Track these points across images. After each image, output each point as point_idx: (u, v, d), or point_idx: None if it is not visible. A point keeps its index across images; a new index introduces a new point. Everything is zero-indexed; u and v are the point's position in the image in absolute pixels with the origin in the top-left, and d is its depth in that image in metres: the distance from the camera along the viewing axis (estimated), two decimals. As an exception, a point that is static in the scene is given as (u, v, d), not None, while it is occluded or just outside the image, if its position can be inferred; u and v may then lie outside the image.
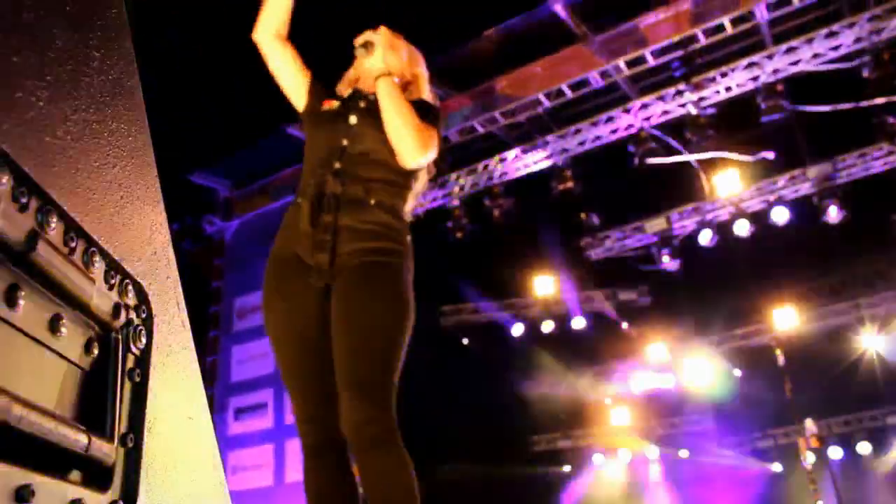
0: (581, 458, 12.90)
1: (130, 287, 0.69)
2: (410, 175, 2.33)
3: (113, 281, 0.66)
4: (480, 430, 10.55)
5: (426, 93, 2.53)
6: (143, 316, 0.71)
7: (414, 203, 2.43)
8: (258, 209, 10.38)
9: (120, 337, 0.67)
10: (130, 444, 0.69)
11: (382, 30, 2.48)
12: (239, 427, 9.59)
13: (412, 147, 2.24)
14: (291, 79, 2.45)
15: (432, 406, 10.19)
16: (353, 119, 2.33)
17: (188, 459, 0.79)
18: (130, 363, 0.70)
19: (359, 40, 2.47)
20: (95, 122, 0.62)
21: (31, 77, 0.53)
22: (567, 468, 13.02)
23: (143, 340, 0.72)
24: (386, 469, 1.90)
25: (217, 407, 9.61)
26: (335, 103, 2.41)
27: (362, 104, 2.39)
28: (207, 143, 8.86)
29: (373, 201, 2.17)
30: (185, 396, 0.79)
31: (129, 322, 0.69)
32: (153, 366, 0.72)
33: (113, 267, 0.66)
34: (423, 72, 2.56)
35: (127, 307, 0.68)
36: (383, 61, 2.40)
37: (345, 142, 2.28)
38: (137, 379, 0.71)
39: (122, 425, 0.67)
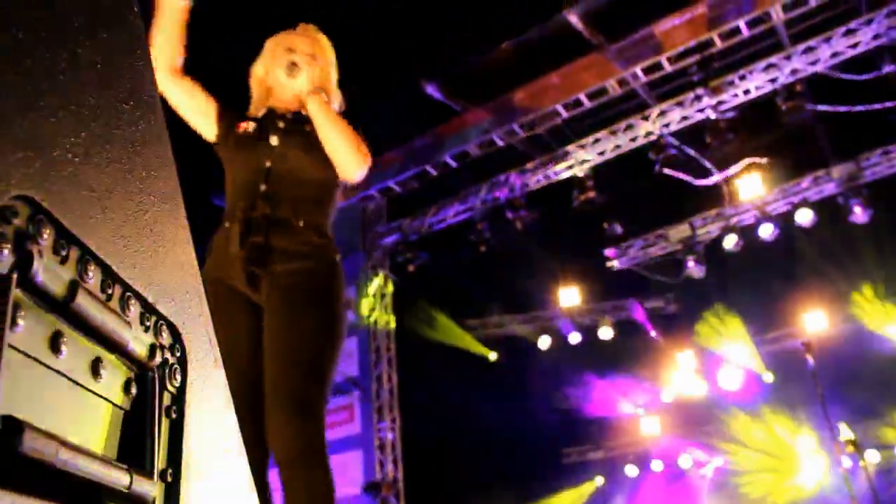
0: (613, 470, 12.78)
1: (165, 327, 0.72)
2: (334, 190, 2.32)
3: (148, 323, 0.69)
4: (510, 443, 10.50)
5: (338, 99, 2.47)
6: (178, 355, 0.74)
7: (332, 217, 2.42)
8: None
9: (156, 376, 0.70)
10: (169, 480, 0.72)
11: (308, 42, 2.40)
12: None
13: (356, 160, 2.25)
14: (196, 109, 2.36)
15: (460, 422, 10.16)
16: (274, 140, 2.31)
17: (225, 491, 0.81)
18: (167, 401, 0.73)
19: (282, 60, 2.36)
20: (127, 171, 0.65)
21: (68, 135, 0.56)
22: (599, 480, 12.91)
23: (179, 378, 0.75)
24: (310, 485, 1.93)
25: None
26: (251, 125, 2.36)
27: (281, 124, 2.35)
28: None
29: (301, 223, 2.18)
30: (220, 430, 0.82)
31: (164, 361, 0.72)
32: (188, 402, 0.75)
33: (148, 309, 0.69)
34: (335, 76, 2.47)
35: (162, 347, 0.71)
36: (309, 80, 2.33)
37: (268, 163, 2.26)
38: (174, 416, 0.74)
39: (161, 461, 0.70)
